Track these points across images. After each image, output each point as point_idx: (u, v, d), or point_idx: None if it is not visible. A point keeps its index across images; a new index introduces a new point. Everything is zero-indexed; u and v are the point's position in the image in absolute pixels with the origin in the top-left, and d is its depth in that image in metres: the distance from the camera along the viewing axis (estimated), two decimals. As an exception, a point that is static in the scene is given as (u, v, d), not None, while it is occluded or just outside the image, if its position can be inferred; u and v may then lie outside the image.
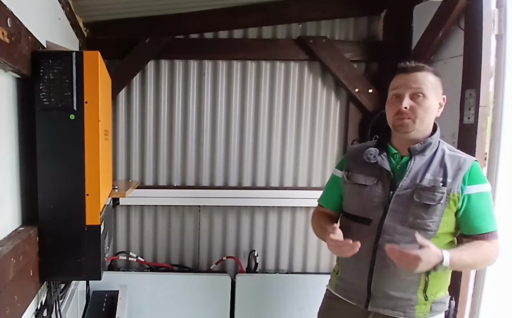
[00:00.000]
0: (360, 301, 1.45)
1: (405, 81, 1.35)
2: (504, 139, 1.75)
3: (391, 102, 1.39)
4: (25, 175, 1.23)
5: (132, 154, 2.54)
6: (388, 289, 1.40)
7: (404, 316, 1.40)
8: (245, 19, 2.47)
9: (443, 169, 1.35)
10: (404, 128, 1.35)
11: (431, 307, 1.40)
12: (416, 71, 1.35)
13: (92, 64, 1.20)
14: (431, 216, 1.33)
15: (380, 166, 1.41)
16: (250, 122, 2.56)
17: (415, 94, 1.33)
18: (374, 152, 1.42)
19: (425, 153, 1.38)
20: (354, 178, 1.48)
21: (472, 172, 1.34)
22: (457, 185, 1.32)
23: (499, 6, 1.77)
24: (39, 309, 1.33)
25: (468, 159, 1.37)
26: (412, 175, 1.37)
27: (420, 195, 1.33)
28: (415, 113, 1.33)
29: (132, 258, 2.56)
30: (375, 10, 2.51)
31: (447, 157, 1.37)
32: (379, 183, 1.41)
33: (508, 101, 1.75)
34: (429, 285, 1.37)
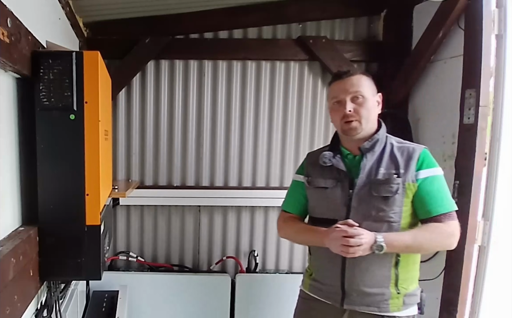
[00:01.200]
0: (336, 300, 1.49)
1: (343, 87, 1.43)
2: (504, 139, 1.75)
3: (335, 109, 1.47)
4: (25, 175, 1.23)
5: (132, 154, 2.54)
6: (361, 286, 1.43)
7: (379, 311, 1.43)
8: (245, 19, 2.47)
9: (394, 162, 1.42)
10: (353, 131, 1.42)
11: (404, 300, 1.44)
12: (350, 75, 1.44)
13: (92, 64, 1.20)
14: (391, 208, 1.38)
15: (336, 168, 1.47)
16: (250, 122, 2.56)
17: (355, 96, 1.41)
18: (328, 156, 1.49)
19: (375, 149, 1.44)
20: (315, 183, 1.54)
21: (422, 159, 1.41)
22: (410, 174, 1.39)
23: (499, 6, 1.77)
24: (39, 309, 1.33)
25: (416, 148, 1.44)
26: (366, 171, 1.43)
27: (378, 189, 1.39)
28: (359, 114, 1.40)
29: (132, 258, 2.56)
30: (375, 10, 2.51)
31: (396, 150, 1.44)
32: (339, 184, 1.47)
33: (508, 101, 1.75)
34: (400, 279, 1.42)
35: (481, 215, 1.82)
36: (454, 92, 1.93)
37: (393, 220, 1.39)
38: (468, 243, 1.80)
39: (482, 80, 1.76)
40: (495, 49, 1.78)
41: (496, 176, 1.78)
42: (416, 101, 2.37)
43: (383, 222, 1.39)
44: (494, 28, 1.77)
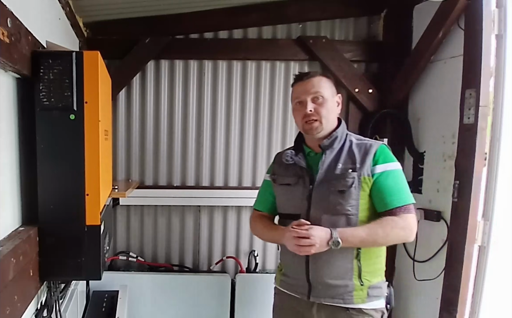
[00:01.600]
0: (303, 293, 1.54)
1: (304, 88, 1.50)
2: (504, 139, 1.75)
3: (297, 109, 1.54)
4: (25, 175, 1.23)
5: (132, 154, 2.54)
6: (325, 278, 1.48)
7: (343, 303, 1.47)
8: (245, 19, 2.47)
9: (351, 157, 1.48)
10: (314, 130, 1.49)
11: (368, 292, 1.48)
12: (311, 77, 1.51)
13: (92, 64, 1.20)
14: (348, 201, 1.44)
15: (299, 165, 1.55)
16: (250, 122, 2.56)
17: (315, 97, 1.48)
18: (290, 154, 1.57)
19: (334, 146, 1.51)
20: (280, 180, 1.62)
21: (379, 154, 1.46)
22: (366, 168, 1.44)
23: (499, 6, 1.77)
24: (39, 309, 1.33)
25: (374, 144, 1.50)
26: (325, 167, 1.50)
27: (334, 184, 1.46)
28: (320, 114, 1.47)
29: (132, 258, 2.56)
30: (375, 10, 2.51)
31: (354, 146, 1.51)
32: (300, 181, 1.54)
33: (508, 101, 1.75)
34: (363, 271, 1.47)
35: (481, 215, 1.81)
36: (454, 92, 1.93)
37: (351, 213, 1.45)
38: (468, 243, 1.80)
39: (482, 80, 1.76)
40: (495, 49, 1.78)
41: (496, 176, 1.77)
42: (416, 101, 2.37)
43: (341, 215, 1.45)
44: (494, 28, 1.77)
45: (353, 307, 1.47)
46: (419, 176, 2.30)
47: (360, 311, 1.48)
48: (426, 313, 2.17)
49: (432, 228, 2.15)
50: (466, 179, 1.82)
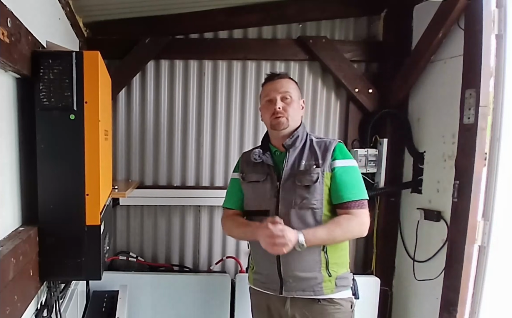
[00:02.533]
0: (276, 289, 1.60)
1: (274, 87, 1.60)
2: (504, 139, 1.75)
3: (266, 107, 1.63)
4: (25, 175, 1.22)
5: (132, 154, 2.54)
6: (296, 271, 1.55)
7: (314, 295, 1.55)
8: (245, 19, 2.47)
9: (313, 154, 1.57)
10: (280, 126, 1.58)
11: (336, 283, 1.56)
12: (281, 78, 1.62)
13: (92, 64, 1.20)
14: (313, 195, 1.53)
15: (266, 163, 1.63)
16: (250, 122, 2.56)
17: (284, 97, 1.59)
18: (258, 152, 1.65)
19: (296, 144, 1.60)
20: (248, 178, 1.68)
21: (337, 150, 1.57)
22: (327, 164, 1.54)
23: (499, 6, 1.77)
24: (39, 309, 1.33)
25: (332, 141, 1.60)
26: (290, 164, 1.58)
27: (300, 179, 1.54)
28: (287, 112, 1.58)
29: (132, 258, 2.56)
30: (375, 10, 2.51)
31: (315, 144, 1.60)
32: (268, 178, 1.62)
33: (508, 101, 1.75)
34: (330, 263, 1.55)
35: (481, 215, 1.82)
36: (454, 92, 1.93)
37: (316, 207, 1.53)
38: (468, 243, 1.81)
39: (482, 80, 1.76)
40: (495, 49, 1.78)
41: (496, 176, 1.78)
42: (416, 101, 2.37)
43: (307, 209, 1.53)
44: (494, 28, 1.77)
45: (324, 297, 1.55)
46: (419, 176, 2.31)
47: (331, 300, 1.56)
48: (426, 313, 2.17)
49: (432, 228, 2.15)
50: (466, 179, 1.82)
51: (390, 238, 2.50)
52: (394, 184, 2.45)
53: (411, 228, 2.35)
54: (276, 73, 1.68)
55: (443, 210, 2.09)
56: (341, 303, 1.57)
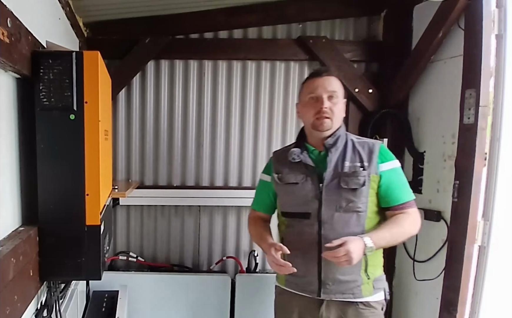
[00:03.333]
0: (313, 291, 1.56)
1: (321, 84, 1.50)
2: (504, 139, 1.75)
3: (310, 104, 1.53)
4: (25, 175, 1.23)
5: (132, 154, 2.54)
6: (337, 275, 1.51)
7: (353, 298, 1.53)
8: (245, 19, 2.47)
9: (358, 155, 1.51)
10: (324, 127, 1.50)
11: (373, 285, 1.55)
12: (329, 75, 1.53)
13: (92, 64, 1.20)
14: (360, 198, 1.48)
15: (304, 163, 1.55)
16: (250, 122, 2.56)
17: (331, 96, 1.49)
18: (297, 152, 1.56)
19: (338, 144, 1.53)
20: (285, 179, 1.60)
21: (382, 152, 1.52)
22: (373, 167, 1.49)
23: (499, 6, 1.77)
24: (39, 309, 1.33)
25: (376, 143, 1.55)
26: (333, 165, 1.52)
27: (346, 181, 1.48)
28: (333, 112, 1.49)
29: (132, 258, 2.56)
30: (375, 10, 2.51)
31: (357, 145, 1.54)
32: (308, 179, 1.54)
33: (508, 101, 1.75)
34: (369, 265, 1.52)
35: (481, 215, 1.81)
36: (454, 92, 1.93)
37: (361, 210, 1.49)
38: (468, 243, 1.80)
39: (482, 80, 1.76)
40: (495, 49, 1.78)
41: (496, 176, 1.77)
42: (416, 101, 2.37)
43: (352, 212, 1.49)
44: (494, 28, 1.76)
45: (361, 300, 1.53)
46: (419, 176, 2.30)
47: (367, 304, 1.54)
48: (426, 313, 2.16)
49: (432, 228, 2.15)
50: (466, 179, 1.82)
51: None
52: (394, 184, 2.44)
53: (411, 228, 2.35)
54: (324, 69, 1.57)
55: (443, 210, 2.09)
56: (375, 306, 1.55)
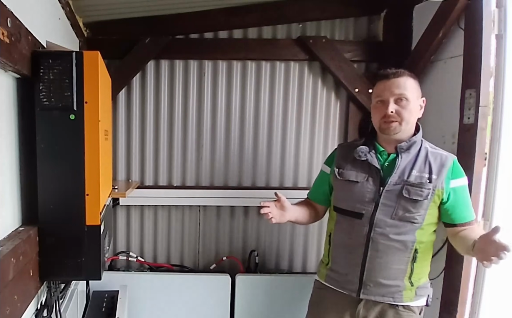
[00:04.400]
0: (353, 290, 1.56)
1: (388, 87, 1.48)
2: (504, 139, 1.75)
3: (377, 107, 1.52)
4: (25, 175, 1.23)
5: (132, 154, 2.54)
6: (379, 278, 1.51)
7: (393, 301, 1.53)
8: (245, 19, 2.46)
9: (428, 166, 1.47)
10: (391, 131, 1.47)
11: (416, 292, 1.54)
12: (397, 77, 1.49)
13: (92, 64, 1.20)
14: (418, 210, 1.45)
15: (369, 163, 1.52)
16: (250, 122, 2.55)
17: (399, 98, 1.46)
18: (364, 150, 1.53)
19: (411, 150, 1.49)
20: (346, 175, 1.58)
21: (454, 168, 1.48)
22: (441, 181, 1.45)
23: (499, 6, 1.77)
24: (39, 309, 1.33)
25: (449, 156, 1.51)
26: (399, 171, 1.48)
27: (409, 191, 1.45)
28: (401, 116, 1.45)
29: (132, 258, 2.56)
30: (375, 10, 2.51)
31: (430, 155, 1.50)
32: (370, 179, 1.52)
33: (508, 101, 1.75)
34: (414, 273, 1.52)
35: (481, 215, 1.81)
36: (454, 92, 1.93)
37: (417, 222, 1.46)
38: (468, 243, 1.80)
39: (482, 80, 1.76)
40: (495, 49, 1.78)
41: (496, 176, 1.77)
42: (416, 101, 2.37)
43: (407, 222, 1.46)
44: (494, 28, 1.77)
45: (401, 304, 1.54)
46: (419, 176, 2.30)
47: (408, 308, 1.54)
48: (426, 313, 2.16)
49: (432, 228, 2.15)
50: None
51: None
52: (394, 184, 2.44)
53: (411, 228, 2.35)
54: (393, 71, 1.52)
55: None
56: (414, 310, 1.56)
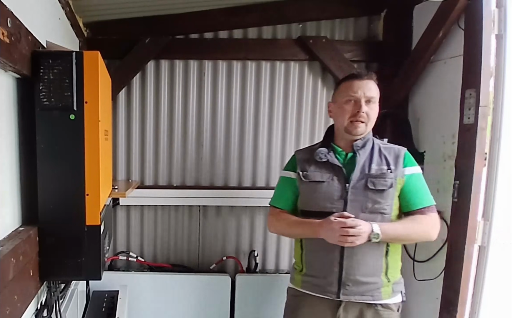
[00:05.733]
0: (332, 292, 1.56)
1: (362, 87, 1.51)
2: (504, 139, 1.75)
3: (345, 106, 1.53)
4: (25, 175, 1.23)
5: (132, 154, 2.54)
6: (358, 276, 1.52)
7: (373, 300, 1.55)
8: (245, 19, 2.47)
9: (384, 159, 1.55)
10: (358, 131, 1.52)
11: (393, 288, 1.58)
12: (369, 79, 1.53)
13: (92, 64, 1.20)
14: (386, 200, 1.51)
15: (331, 163, 1.57)
16: (250, 122, 2.55)
17: (369, 100, 1.51)
18: (324, 151, 1.58)
19: (366, 148, 1.56)
20: (311, 176, 1.60)
21: (407, 158, 1.57)
22: (399, 170, 1.53)
23: (499, 6, 1.77)
24: (39, 309, 1.33)
25: (401, 149, 1.60)
26: (360, 167, 1.54)
27: (374, 183, 1.51)
28: (369, 117, 1.52)
29: (132, 258, 2.56)
30: (375, 10, 2.51)
31: (383, 150, 1.58)
32: (334, 178, 1.56)
33: (508, 101, 1.75)
34: (389, 268, 1.55)
35: (481, 215, 1.81)
36: (454, 92, 1.93)
37: (386, 212, 1.52)
38: (468, 243, 1.80)
39: (482, 80, 1.76)
40: (495, 49, 1.78)
41: (496, 176, 1.77)
42: (416, 101, 2.37)
43: (377, 213, 1.51)
44: (494, 28, 1.76)
45: (380, 303, 1.55)
46: (419, 176, 2.30)
47: (386, 306, 1.57)
48: (426, 313, 2.16)
49: (432, 228, 2.15)
50: (466, 179, 1.82)
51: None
52: (394, 184, 2.45)
53: (411, 228, 2.35)
54: (365, 72, 1.58)
55: (443, 210, 2.08)
56: (392, 308, 1.58)
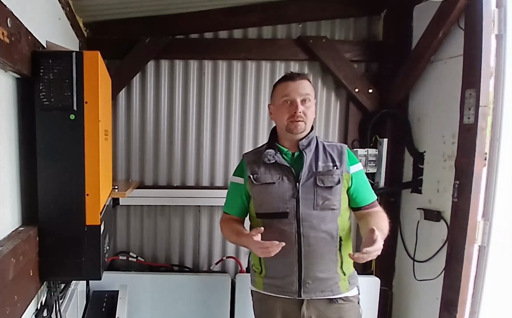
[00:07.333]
0: (293, 292, 1.57)
1: (295, 88, 1.54)
2: (504, 139, 1.76)
3: (284, 107, 1.56)
4: (25, 175, 1.22)
5: (132, 154, 2.54)
6: (317, 273, 1.54)
7: (332, 295, 1.57)
8: (245, 19, 2.47)
9: (329, 156, 1.58)
10: (298, 130, 1.54)
11: (349, 281, 1.61)
12: (302, 79, 1.56)
13: (92, 64, 1.20)
14: (335, 196, 1.54)
15: (279, 164, 1.58)
16: (250, 122, 2.56)
17: (304, 99, 1.54)
18: (272, 153, 1.59)
19: (311, 146, 1.59)
20: (262, 179, 1.61)
21: (350, 155, 1.61)
22: (344, 167, 1.57)
23: (499, 6, 1.77)
24: (39, 309, 1.33)
25: (343, 146, 1.63)
26: (307, 165, 1.56)
27: (322, 180, 1.54)
28: (306, 116, 1.54)
29: (132, 258, 2.56)
30: (375, 10, 2.51)
31: (327, 147, 1.61)
32: (284, 178, 1.57)
33: (508, 101, 1.75)
34: (344, 262, 1.58)
35: (481, 215, 1.82)
36: (454, 92, 1.93)
37: (336, 208, 1.55)
38: (468, 243, 1.81)
39: (482, 80, 1.76)
40: (495, 49, 1.78)
41: (496, 176, 1.78)
42: (416, 101, 2.37)
43: (328, 210, 1.54)
44: (494, 28, 1.77)
45: (340, 296, 1.58)
46: (419, 176, 2.31)
47: (346, 298, 1.59)
48: (426, 313, 2.17)
49: (432, 228, 2.15)
50: (466, 179, 1.82)
51: (390, 238, 2.48)
52: (394, 184, 2.45)
53: (411, 228, 2.35)
54: (297, 72, 1.61)
55: (443, 210, 2.09)
56: (352, 300, 1.61)
